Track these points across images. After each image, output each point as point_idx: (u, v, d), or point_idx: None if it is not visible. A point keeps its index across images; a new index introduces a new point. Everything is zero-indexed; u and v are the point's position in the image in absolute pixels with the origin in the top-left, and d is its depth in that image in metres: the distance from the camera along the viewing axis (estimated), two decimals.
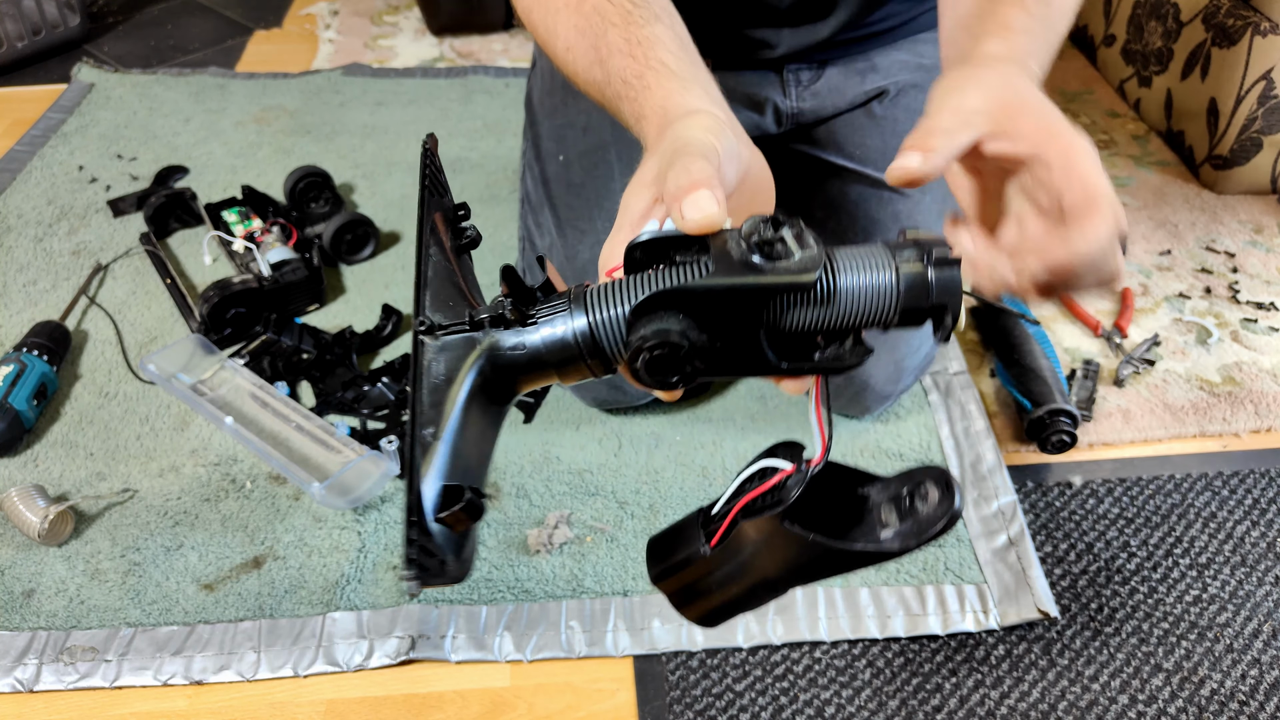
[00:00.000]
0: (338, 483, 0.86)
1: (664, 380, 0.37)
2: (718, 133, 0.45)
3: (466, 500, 0.33)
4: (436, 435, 0.35)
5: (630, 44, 0.55)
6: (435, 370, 0.37)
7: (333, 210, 1.24)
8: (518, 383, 0.40)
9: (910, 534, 0.38)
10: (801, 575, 0.41)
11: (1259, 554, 0.87)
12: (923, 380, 1.02)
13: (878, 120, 0.91)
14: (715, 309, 0.36)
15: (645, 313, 0.37)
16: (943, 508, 0.37)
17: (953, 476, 0.38)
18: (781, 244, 0.37)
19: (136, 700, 0.75)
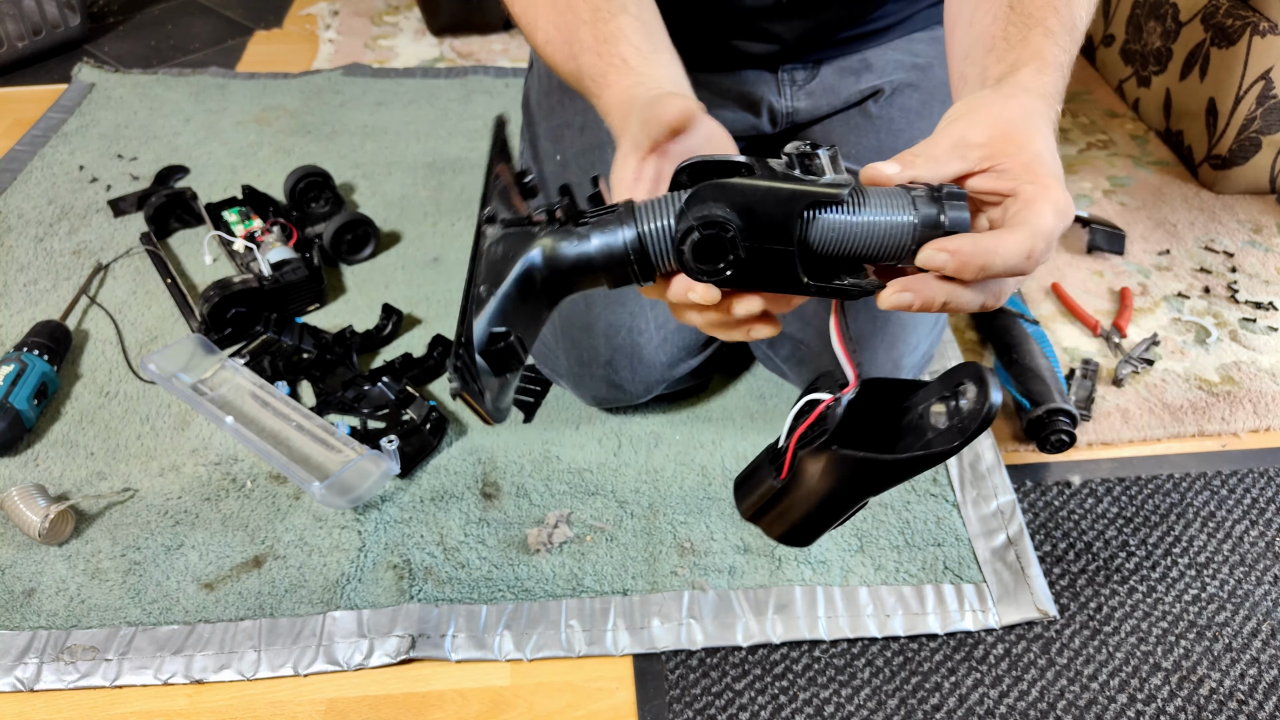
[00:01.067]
0: (338, 482, 0.86)
1: (711, 265, 0.40)
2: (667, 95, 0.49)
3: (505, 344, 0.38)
4: (490, 293, 0.40)
5: (597, 41, 0.56)
6: (495, 251, 0.42)
7: (333, 210, 1.25)
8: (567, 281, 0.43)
9: (955, 432, 0.41)
10: (868, 488, 0.44)
11: (1258, 553, 0.87)
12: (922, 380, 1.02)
13: (873, 119, 0.92)
14: (758, 206, 0.40)
15: (696, 201, 0.40)
16: (980, 400, 0.40)
17: (988, 370, 0.40)
18: (818, 160, 0.41)
19: (137, 699, 0.76)
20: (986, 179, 0.46)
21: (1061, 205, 0.44)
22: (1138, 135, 1.47)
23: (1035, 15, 0.55)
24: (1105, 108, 1.54)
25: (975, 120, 0.47)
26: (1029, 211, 0.43)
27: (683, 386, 0.99)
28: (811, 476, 0.45)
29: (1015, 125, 0.47)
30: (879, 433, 0.45)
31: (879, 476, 0.43)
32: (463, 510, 0.89)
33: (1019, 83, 0.51)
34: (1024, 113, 0.48)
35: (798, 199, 0.40)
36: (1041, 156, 0.46)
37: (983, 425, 0.40)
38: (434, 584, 0.82)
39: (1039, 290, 1.17)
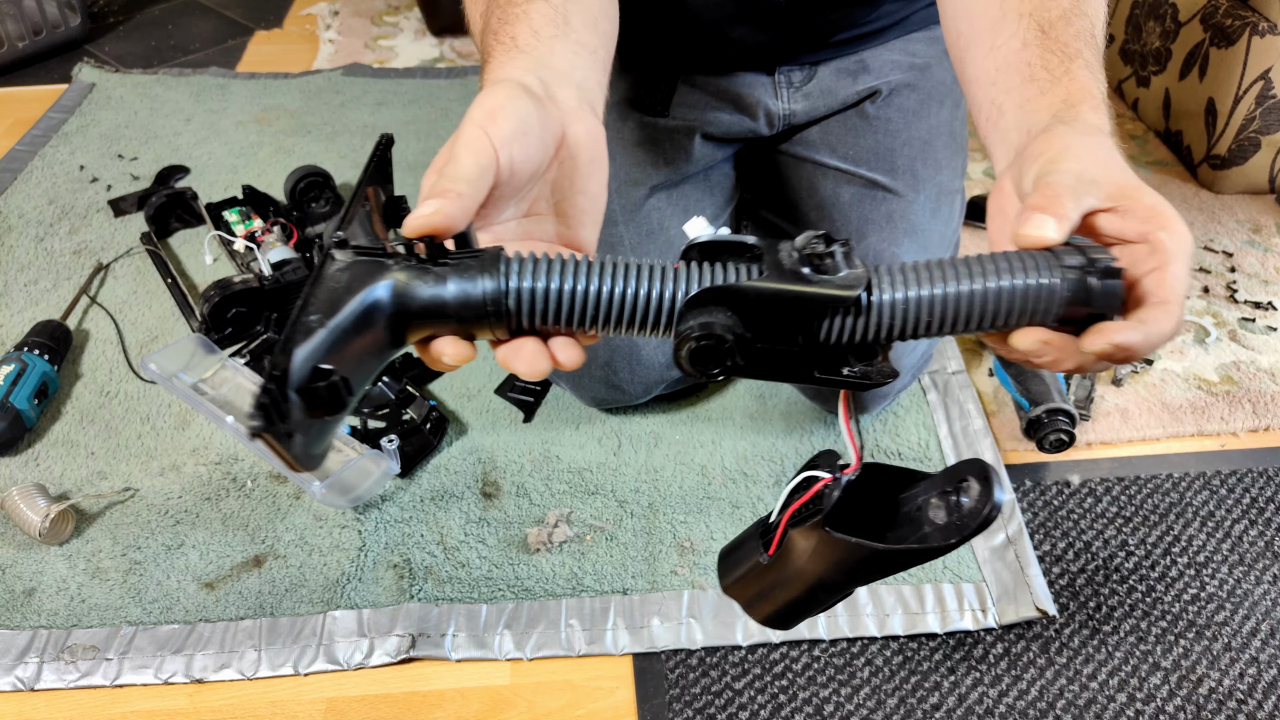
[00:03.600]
0: (338, 481, 0.86)
1: (706, 370, 0.39)
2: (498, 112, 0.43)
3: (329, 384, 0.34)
4: (322, 323, 0.36)
5: (500, 23, 0.54)
6: (338, 278, 0.38)
7: (333, 210, 1.25)
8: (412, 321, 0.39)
9: (952, 529, 0.39)
10: (855, 577, 0.42)
11: (1257, 553, 0.87)
12: (921, 379, 1.03)
13: (870, 120, 0.92)
14: (762, 310, 0.38)
15: (696, 305, 0.38)
16: (982, 501, 0.38)
17: (992, 469, 0.39)
18: (830, 259, 0.38)
19: (137, 699, 0.76)
20: (1113, 219, 0.43)
21: (1192, 253, 0.42)
22: (1137, 135, 1.48)
23: (1073, 45, 0.53)
24: None
25: (1080, 156, 0.44)
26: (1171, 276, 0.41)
27: (682, 387, 0.99)
28: (799, 556, 0.44)
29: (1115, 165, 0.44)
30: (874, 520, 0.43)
31: (869, 565, 0.42)
32: (463, 510, 0.89)
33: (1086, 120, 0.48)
34: (1112, 152, 0.45)
35: (804, 303, 0.38)
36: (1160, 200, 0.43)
37: (982, 526, 0.38)
38: (434, 583, 0.82)
39: None
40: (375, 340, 0.39)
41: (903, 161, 0.91)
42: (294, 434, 0.34)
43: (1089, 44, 0.53)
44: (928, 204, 0.91)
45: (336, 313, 0.36)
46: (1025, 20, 0.55)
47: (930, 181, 0.91)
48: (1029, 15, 0.55)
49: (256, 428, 0.32)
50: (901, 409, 0.99)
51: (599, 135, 0.49)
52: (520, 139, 0.43)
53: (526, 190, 0.46)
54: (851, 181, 0.91)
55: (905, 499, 0.43)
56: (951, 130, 0.94)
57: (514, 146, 0.43)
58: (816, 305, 0.38)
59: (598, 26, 0.56)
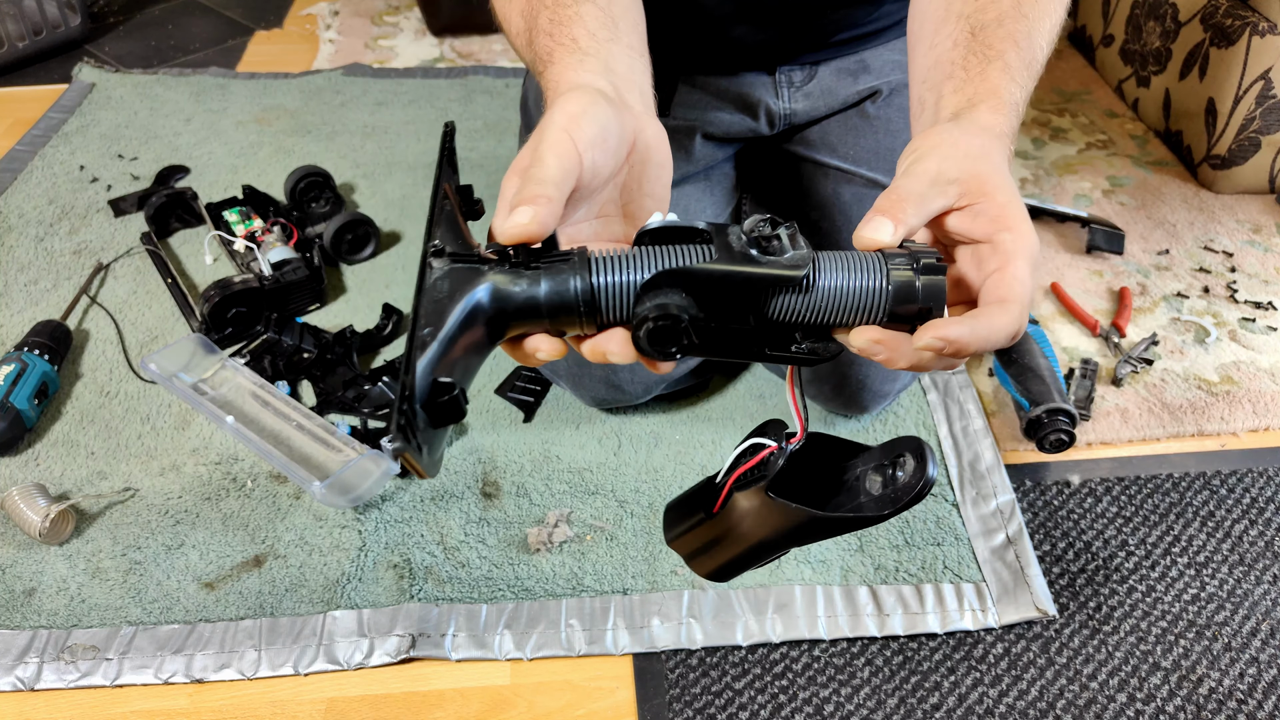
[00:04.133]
0: (338, 481, 0.86)
1: (664, 349, 0.40)
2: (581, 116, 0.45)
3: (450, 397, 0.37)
4: (434, 335, 0.38)
5: (553, 24, 0.55)
6: (440, 287, 0.40)
7: (333, 210, 1.25)
8: (512, 321, 0.42)
9: (887, 500, 0.42)
10: (792, 538, 0.45)
11: (1257, 553, 0.87)
12: (921, 379, 1.03)
13: (870, 120, 0.92)
14: (714, 291, 0.40)
15: (652, 288, 0.40)
16: (917, 475, 0.41)
17: (928, 446, 0.41)
18: (777, 240, 0.41)
19: (137, 699, 0.76)
20: (963, 218, 0.45)
21: (1035, 254, 0.44)
22: (1137, 135, 1.47)
23: (996, 47, 0.54)
24: (1105, 108, 1.54)
25: (947, 155, 0.47)
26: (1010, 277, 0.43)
27: (682, 386, 0.99)
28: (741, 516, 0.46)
29: (984, 164, 0.46)
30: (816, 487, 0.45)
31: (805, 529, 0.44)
32: (463, 510, 0.89)
33: (977, 120, 0.50)
34: (987, 152, 0.47)
35: (753, 283, 0.40)
36: (1014, 200, 0.45)
37: (915, 498, 0.41)
38: (434, 583, 0.82)
39: (1038, 290, 1.17)
40: (477, 341, 0.41)
41: None
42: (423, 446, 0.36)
43: (1016, 46, 0.54)
44: None
45: (444, 322, 0.39)
46: (961, 22, 0.57)
47: None
48: (967, 17, 0.57)
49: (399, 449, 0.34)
50: (901, 409, 0.99)
51: (665, 139, 0.50)
52: (601, 144, 0.45)
53: (600, 193, 0.47)
54: (851, 181, 0.91)
55: (846, 469, 0.45)
56: None
57: (595, 151, 0.44)
58: (763, 284, 0.40)
59: (638, 27, 0.58)
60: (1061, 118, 1.52)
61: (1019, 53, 0.54)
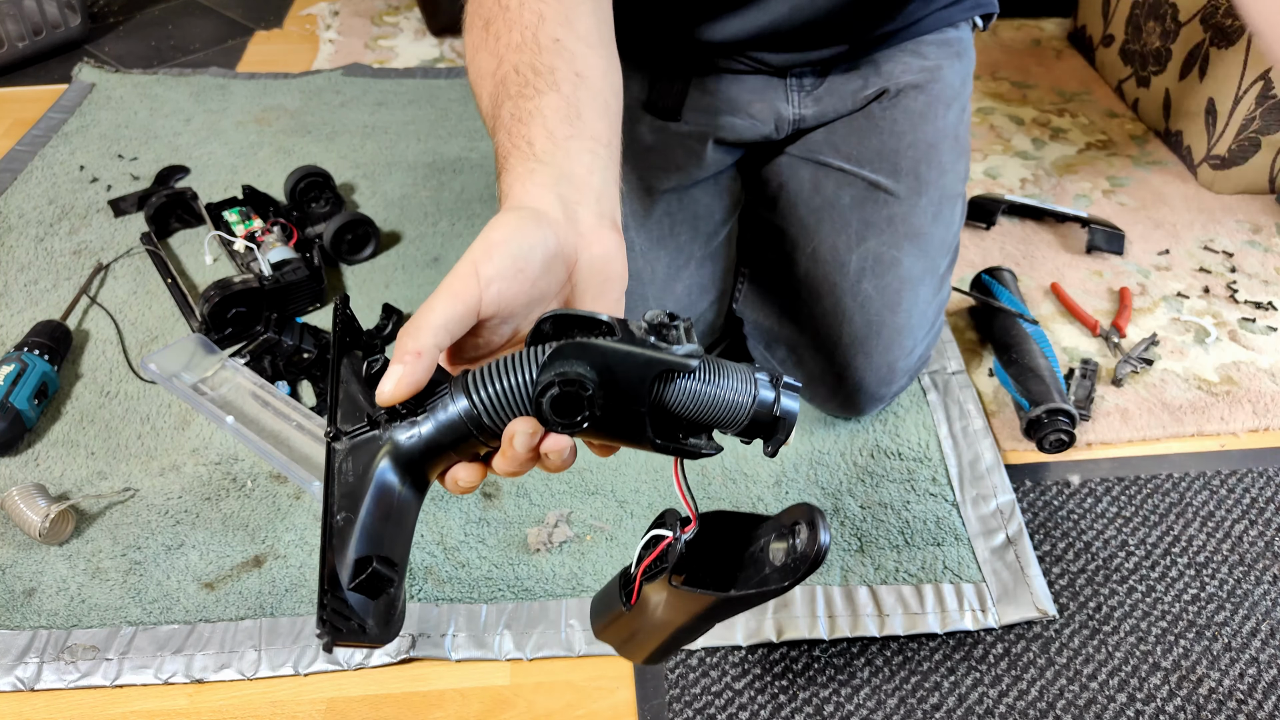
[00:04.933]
0: None
1: (568, 419, 0.41)
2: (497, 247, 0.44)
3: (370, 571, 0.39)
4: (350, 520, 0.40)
5: (514, 120, 0.52)
6: (346, 468, 0.42)
7: (333, 210, 1.25)
8: (424, 467, 0.44)
9: (788, 570, 0.43)
10: (707, 619, 0.46)
11: (1257, 553, 0.87)
12: (921, 379, 1.03)
13: (876, 122, 0.92)
14: (616, 368, 0.41)
15: (558, 358, 0.41)
16: (810, 543, 0.42)
17: (819, 513, 0.43)
18: (675, 331, 0.42)
19: (137, 699, 0.76)
20: None
21: None
22: (1137, 135, 1.47)
23: None
24: (1105, 108, 1.55)
25: None
26: None
27: None
28: (655, 607, 0.47)
29: None
30: (722, 565, 0.47)
31: (714, 610, 0.45)
32: (463, 510, 0.89)
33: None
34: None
35: (653, 365, 0.41)
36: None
37: (812, 566, 0.42)
38: (434, 583, 0.82)
39: (1038, 290, 1.17)
40: (403, 503, 0.43)
41: (906, 164, 0.91)
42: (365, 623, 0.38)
43: None
44: (929, 208, 0.91)
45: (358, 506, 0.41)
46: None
47: (933, 185, 0.91)
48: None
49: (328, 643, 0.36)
50: (901, 409, 0.99)
51: (616, 252, 0.49)
52: (514, 276, 0.44)
53: (529, 313, 0.46)
54: (853, 183, 0.91)
55: (750, 541, 0.47)
56: (956, 134, 0.94)
57: (503, 284, 0.44)
58: (660, 367, 0.41)
59: (608, 111, 0.55)
60: (1061, 118, 1.52)
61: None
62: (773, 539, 0.45)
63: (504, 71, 0.55)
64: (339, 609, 0.37)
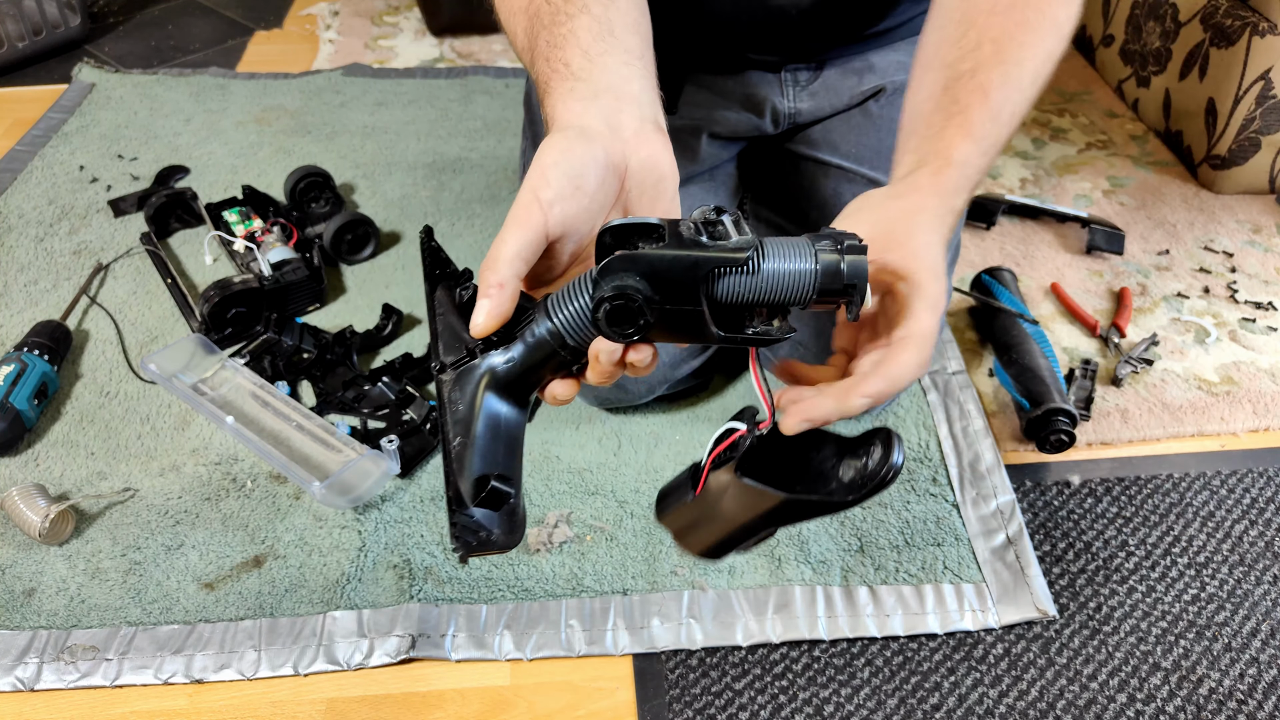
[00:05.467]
0: (338, 482, 0.86)
1: (622, 330, 0.43)
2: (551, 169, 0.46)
3: (490, 489, 0.43)
4: (465, 444, 0.44)
5: (550, 46, 0.55)
6: (455, 397, 0.46)
7: (333, 210, 1.25)
8: (523, 387, 0.47)
9: (854, 486, 0.44)
10: (767, 519, 0.47)
11: (1257, 553, 0.87)
12: (921, 379, 1.03)
13: (873, 119, 0.92)
14: (665, 272, 0.42)
15: (607, 272, 0.42)
16: (883, 464, 0.43)
17: (897, 435, 0.44)
18: (722, 226, 0.43)
19: (137, 699, 0.76)
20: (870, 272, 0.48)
21: (935, 299, 0.48)
22: (1137, 135, 1.47)
23: (962, 100, 0.56)
24: (1105, 108, 1.54)
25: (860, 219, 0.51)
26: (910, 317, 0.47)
27: (683, 386, 0.99)
28: (718, 498, 0.48)
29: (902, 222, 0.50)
30: (790, 472, 0.48)
31: (776, 510, 0.46)
32: None
33: (913, 182, 0.54)
34: (908, 211, 0.51)
35: (700, 265, 0.42)
36: (918, 252, 0.49)
37: (881, 485, 0.43)
38: (434, 584, 0.82)
39: (1038, 290, 1.17)
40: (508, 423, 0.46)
41: None
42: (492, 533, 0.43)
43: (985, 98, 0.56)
44: None
45: (471, 429, 0.45)
46: (940, 72, 0.59)
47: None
48: (947, 66, 0.59)
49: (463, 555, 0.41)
50: (901, 409, 0.99)
51: (663, 151, 0.52)
52: (572, 195, 0.47)
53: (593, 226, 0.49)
54: (853, 180, 0.91)
55: (821, 457, 0.48)
56: None
57: (566, 204, 0.46)
58: (710, 265, 0.42)
59: (639, 28, 0.58)
60: (1061, 118, 1.52)
61: (986, 105, 0.56)
62: (846, 457, 0.46)
63: (536, 5, 0.58)
64: (467, 524, 0.42)
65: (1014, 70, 0.58)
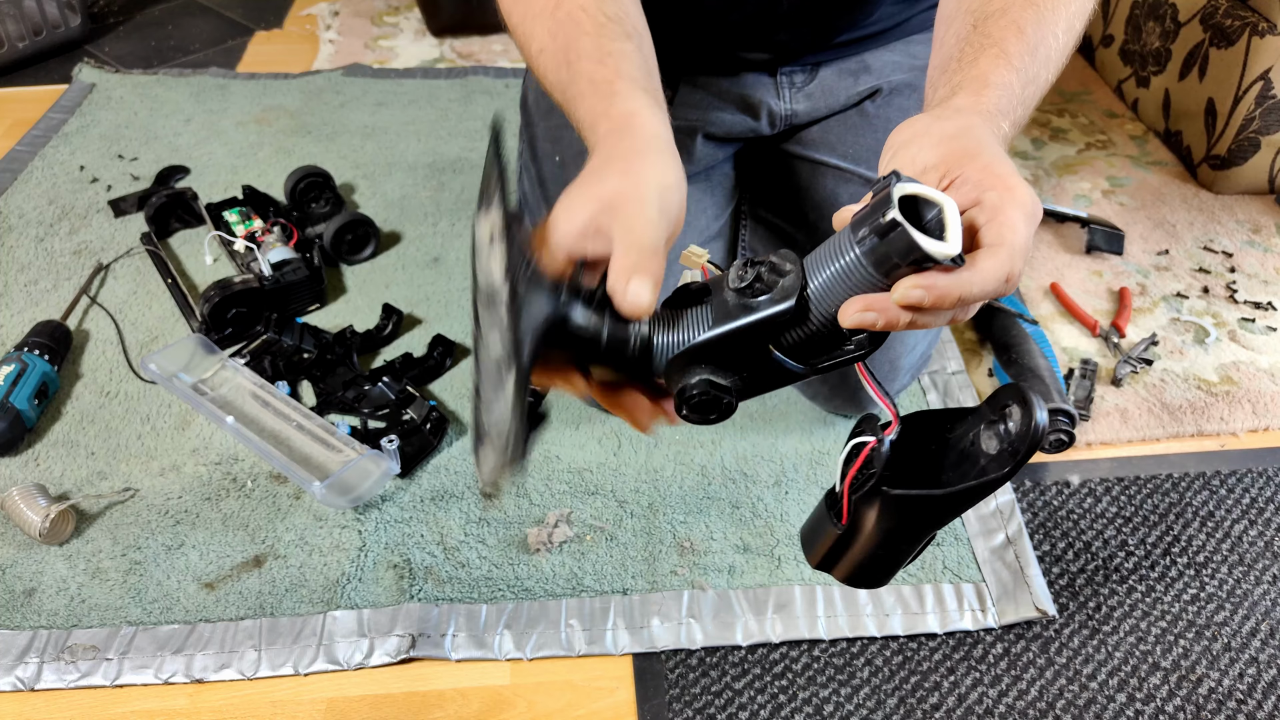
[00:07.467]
0: (338, 481, 0.86)
1: (706, 418, 0.44)
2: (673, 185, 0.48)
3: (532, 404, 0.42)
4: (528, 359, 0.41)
5: (601, 53, 0.56)
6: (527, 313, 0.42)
7: (333, 210, 1.25)
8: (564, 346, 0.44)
9: (1006, 456, 0.41)
10: (929, 524, 0.45)
11: (1256, 553, 0.87)
12: (921, 379, 1.03)
13: (870, 119, 0.92)
14: (725, 351, 0.42)
15: (676, 369, 0.43)
16: (1025, 423, 0.40)
17: (1031, 390, 0.41)
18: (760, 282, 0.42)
19: (137, 699, 0.76)
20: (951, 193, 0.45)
21: (1030, 207, 0.44)
22: (1137, 135, 1.48)
23: (994, 35, 0.55)
24: (1104, 108, 1.55)
25: (922, 144, 0.48)
26: (1000, 225, 0.43)
27: None
28: (870, 520, 0.46)
29: (962, 140, 0.47)
30: (929, 466, 0.45)
31: (936, 511, 0.44)
32: (463, 510, 0.89)
33: (952, 105, 0.51)
34: (963, 128, 0.48)
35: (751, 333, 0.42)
36: (998, 161, 0.46)
37: (1033, 446, 0.40)
38: (434, 583, 0.82)
39: (1038, 290, 1.17)
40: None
41: None
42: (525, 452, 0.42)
43: (1020, 33, 0.55)
44: None
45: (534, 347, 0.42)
46: (967, 17, 0.57)
47: None
48: (973, 11, 0.57)
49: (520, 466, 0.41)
50: (901, 409, 0.99)
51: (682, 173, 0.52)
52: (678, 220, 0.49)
53: None
54: (850, 180, 0.91)
55: (954, 438, 0.45)
56: None
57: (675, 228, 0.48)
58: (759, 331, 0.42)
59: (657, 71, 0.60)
60: (1061, 118, 1.52)
61: (1022, 39, 0.54)
62: (982, 429, 0.43)
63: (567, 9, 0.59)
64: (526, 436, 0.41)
65: (1048, 14, 0.56)
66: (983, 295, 0.42)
